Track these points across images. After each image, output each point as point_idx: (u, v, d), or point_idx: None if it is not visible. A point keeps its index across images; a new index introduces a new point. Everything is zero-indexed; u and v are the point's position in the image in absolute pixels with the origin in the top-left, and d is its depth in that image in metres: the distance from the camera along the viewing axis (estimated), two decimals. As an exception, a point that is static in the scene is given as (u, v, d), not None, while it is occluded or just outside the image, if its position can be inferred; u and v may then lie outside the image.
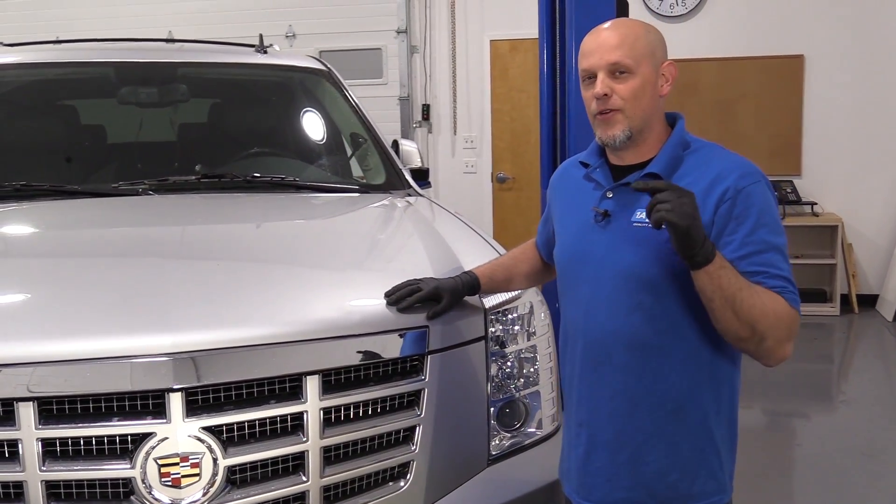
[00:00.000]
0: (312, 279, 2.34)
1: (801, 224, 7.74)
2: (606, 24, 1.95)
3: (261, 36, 4.04)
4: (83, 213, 2.87)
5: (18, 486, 1.83)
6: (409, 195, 3.38)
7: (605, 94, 1.88)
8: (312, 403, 1.97)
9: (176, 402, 1.86)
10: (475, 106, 8.56)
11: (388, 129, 8.03)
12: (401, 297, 2.15)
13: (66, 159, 3.40)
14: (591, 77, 1.92)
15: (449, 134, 8.65)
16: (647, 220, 1.79)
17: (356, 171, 3.74)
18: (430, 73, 8.60)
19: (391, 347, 2.09)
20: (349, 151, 3.78)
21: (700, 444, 1.93)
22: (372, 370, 2.08)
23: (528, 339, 2.40)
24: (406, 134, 8.53)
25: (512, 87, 8.36)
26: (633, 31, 1.90)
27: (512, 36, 8.20)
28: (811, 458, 4.67)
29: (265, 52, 3.94)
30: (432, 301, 2.16)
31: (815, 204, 7.80)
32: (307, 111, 3.91)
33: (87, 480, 1.85)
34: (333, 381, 2.02)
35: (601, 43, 1.90)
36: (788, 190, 7.79)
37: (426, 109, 8.62)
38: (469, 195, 8.54)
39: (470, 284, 2.23)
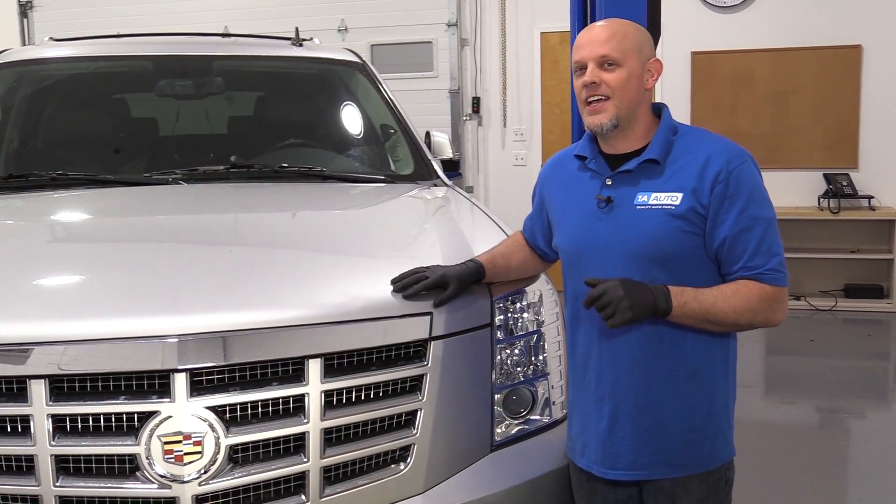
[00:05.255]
0: (320, 265, 2.39)
1: (857, 218, 7.57)
2: (599, 23, 2.15)
3: (296, 29, 4.10)
4: (111, 202, 2.98)
5: (30, 459, 1.91)
6: (436, 185, 3.41)
7: (594, 83, 2.07)
8: (314, 386, 2.01)
9: (180, 383, 1.93)
10: (525, 98, 8.54)
11: (438, 121, 8.11)
12: (407, 285, 2.19)
13: (114, 150, 3.53)
14: (583, 69, 2.11)
15: (499, 127, 8.65)
16: (649, 203, 2.05)
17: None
18: (481, 66, 8.61)
19: (394, 333, 2.13)
20: (383, 143, 3.84)
21: (713, 405, 2.11)
22: (374, 354, 2.11)
23: (537, 327, 2.41)
24: (456, 127, 8.56)
25: (562, 79, 8.31)
26: (622, 29, 2.10)
27: (562, 28, 8.08)
28: (863, 456, 4.59)
29: (301, 45, 4.01)
30: (439, 288, 2.20)
31: (872, 198, 7.60)
32: (340, 103, 3.97)
33: (95, 456, 1.93)
34: (336, 364, 2.06)
35: (592, 38, 2.10)
36: (844, 183, 7.61)
37: (476, 102, 8.63)
38: (519, 187, 8.49)
39: (476, 271, 2.28)
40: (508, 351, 2.35)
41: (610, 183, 2.11)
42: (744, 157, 2.05)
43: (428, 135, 3.91)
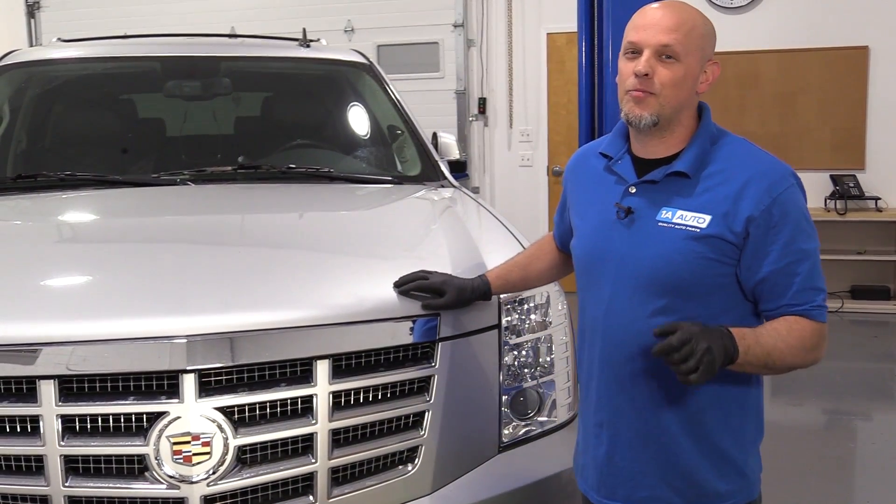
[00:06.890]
0: (328, 266, 2.39)
1: (864, 219, 7.56)
2: (661, 4, 1.86)
3: (304, 30, 4.11)
4: (119, 202, 2.99)
5: (39, 459, 1.92)
6: (444, 186, 3.41)
7: (646, 74, 1.81)
8: (322, 387, 2.02)
9: (189, 383, 1.93)
10: (531, 99, 8.54)
11: (444, 122, 8.11)
12: (405, 282, 2.18)
13: (122, 151, 3.55)
14: (636, 52, 1.84)
15: (505, 127, 8.65)
16: (673, 221, 1.82)
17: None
18: (487, 67, 8.61)
19: (402, 334, 2.13)
20: (390, 144, 3.84)
21: (725, 443, 1.89)
22: (382, 356, 2.12)
23: (544, 329, 2.41)
24: (462, 127, 8.56)
25: (568, 80, 8.31)
26: (691, 19, 1.83)
27: (569, 29, 8.10)
28: (869, 458, 4.58)
29: (308, 46, 4.02)
30: (435, 293, 2.17)
31: (879, 199, 7.58)
32: (348, 104, 3.98)
33: (104, 456, 1.94)
34: (344, 365, 2.07)
35: (657, 21, 1.82)
36: (851, 184, 7.60)
37: (482, 103, 8.63)
38: (525, 188, 8.54)
39: (480, 290, 2.21)
40: (516, 352, 2.36)
41: (634, 191, 1.88)
42: (787, 180, 1.81)
43: (435, 136, 3.91)
